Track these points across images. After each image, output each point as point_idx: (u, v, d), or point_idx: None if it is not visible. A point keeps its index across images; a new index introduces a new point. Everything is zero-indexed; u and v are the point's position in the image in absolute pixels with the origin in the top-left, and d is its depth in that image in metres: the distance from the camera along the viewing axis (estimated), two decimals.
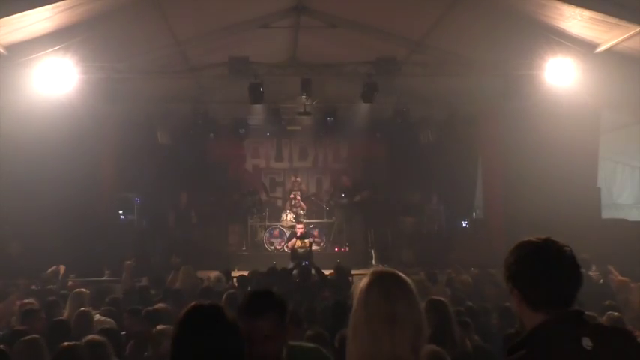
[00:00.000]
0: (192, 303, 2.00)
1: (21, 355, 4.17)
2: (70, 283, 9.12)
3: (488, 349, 4.59)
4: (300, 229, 12.46)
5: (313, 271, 9.26)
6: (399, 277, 2.06)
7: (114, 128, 12.90)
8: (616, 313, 5.33)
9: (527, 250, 1.96)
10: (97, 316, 5.93)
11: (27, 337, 4.33)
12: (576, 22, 8.51)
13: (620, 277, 8.04)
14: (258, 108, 13.18)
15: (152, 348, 4.64)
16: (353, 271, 10.40)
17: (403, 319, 1.94)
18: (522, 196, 11.70)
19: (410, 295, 2.01)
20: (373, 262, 12.97)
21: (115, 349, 4.38)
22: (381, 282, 2.01)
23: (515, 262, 1.96)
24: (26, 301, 6.76)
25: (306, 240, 12.31)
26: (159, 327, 4.81)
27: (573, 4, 7.91)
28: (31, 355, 4.15)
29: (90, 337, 4.31)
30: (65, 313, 6.22)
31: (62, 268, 9.68)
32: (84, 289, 7.06)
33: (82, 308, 5.97)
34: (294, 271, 9.57)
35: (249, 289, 8.22)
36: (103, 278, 10.42)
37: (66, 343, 3.93)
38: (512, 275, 1.97)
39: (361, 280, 2.08)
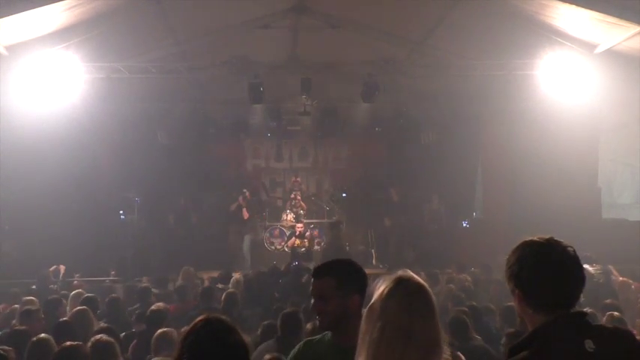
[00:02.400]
0: (200, 317, 2.01)
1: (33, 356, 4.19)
2: (75, 282, 9.14)
3: (490, 351, 4.58)
4: (299, 228, 12.48)
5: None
6: (425, 291, 1.95)
7: (114, 128, 12.90)
8: (617, 313, 5.32)
9: (530, 250, 1.92)
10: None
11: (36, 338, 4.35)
12: (576, 22, 8.51)
13: (621, 278, 8.04)
14: (258, 108, 13.18)
15: (154, 350, 4.63)
16: None
17: (419, 335, 1.86)
18: (522, 196, 11.70)
19: (431, 311, 1.92)
20: (373, 262, 12.98)
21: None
22: (405, 292, 1.92)
23: (518, 263, 1.93)
24: (25, 299, 6.77)
25: (305, 239, 12.33)
26: (161, 330, 4.80)
27: (573, 4, 7.91)
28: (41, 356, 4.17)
29: (97, 337, 4.31)
30: (67, 314, 6.23)
31: (62, 268, 9.68)
32: (82, 291, 7.09)
33: (80, 307, 5.97)
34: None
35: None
36: (106, 278, 10.43)
37: (68, 343, 3.92)
38: (514, 275, 1.93)
39: (383, 282, 1.99)
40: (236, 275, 8.77)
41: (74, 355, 3.84)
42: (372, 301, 1.96)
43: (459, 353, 3.81)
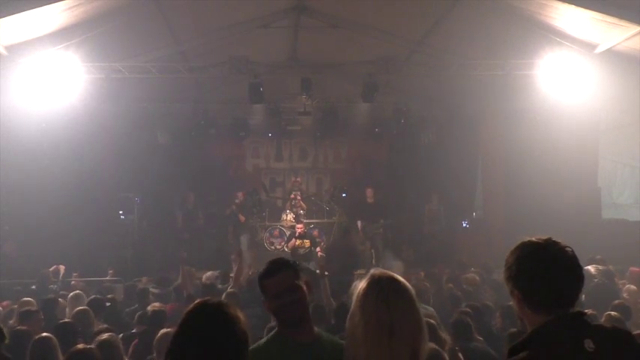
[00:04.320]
0: (197, 300, 2.02)
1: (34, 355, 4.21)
2: (72, 282, 9.14)
3: (491, 353, 4.57)
4: (300, 228, 12.46)
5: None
6: (398, 282, 2.00)
7: (114, 128, 12.90)
8: (614, 313, 5.32)
9: (528, 250, 1.93)
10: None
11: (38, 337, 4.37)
12: (576, 22, 8.51)
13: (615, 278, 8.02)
14: (258, 108, 13.19)
15: (157, 351, 4.62)
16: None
17: (402, 328, 1.90)
18: (522, 196, 11.70)
19: (409, 302, 1.96)
20: (373, 262, 12.97)
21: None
22: (380, 288, 1.96)
23: (516, 263, 1.94)
24: (25, 300, 6.77)
25: (305, 240, 12.30)
26: (163, 330, 4.80)
27: (573, 4, 7.92)
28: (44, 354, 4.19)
29: (103, 336, 4.31)
30: (66, 315, 6.23)
31: (62, 268, 9.67)
32: (80, 292, 7.09)
33: (80, 307, 5.97)
34: None
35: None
36: (106, 278, 10.43)
37: (80, 346, 3.92)
38: (513, 276, 1.94)
39: (360, 282, 2.03)
40: (209, 273, 8.73)
41: (85, 358, 3.83)
42: (352, 306, 1.99)
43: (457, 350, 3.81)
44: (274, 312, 2.58)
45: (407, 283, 2.01)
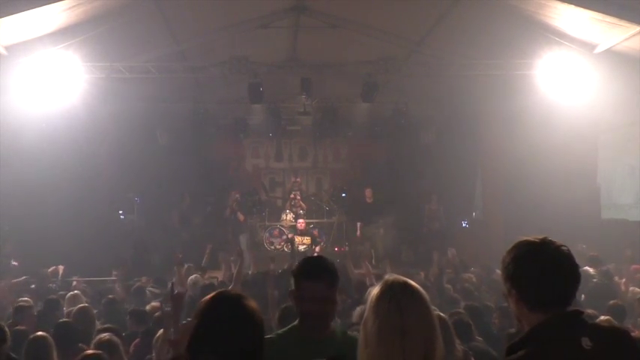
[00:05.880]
0: (216, 291, 2.03)
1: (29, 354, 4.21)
2: (74, 283, 9.14)
3: (491, 352, 4.57)
4: (301, 224, 12.48)
5: None
6: (411, 287, 2.03)
7: (114, 128, 12.91)
8: (612, 311, 5.33)
9: (525, 250, 1.95)
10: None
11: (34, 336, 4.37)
12: (575, 21, 8.51)
13: (616, 277, 8.03)
14: (258, 108, 13.20)
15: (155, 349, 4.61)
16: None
17: (414, 330, 1.93)
18: (522, 196, 11.70)
19: (422, 305, 1.99)
20: (373, 262, 12.97)
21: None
22: (392, 292, 1.99)
23: (513, 263, 1.95)
24: (22, 299, 6.77)
25: (306, 237, 12.33)
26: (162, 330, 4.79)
27: (573, 4, 7.92)
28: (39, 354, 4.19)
29: (102, 336, 4.31)
30: (65, 317, 6.22)
31: (61, 268, 9.67)
32: (78, 292, 7.09)
33: (82, 304, 5.96)
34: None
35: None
36: (109, 278, 10.42)
37: (89, 352, 3.90)
38: (510, 276, 1.96)
39: (371, 290, 2.07)
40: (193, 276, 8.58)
41: None
42: (366, 311, 2.03)
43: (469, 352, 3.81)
44: (298, 309, 2.61)
45: (420, 288, 2.05)
